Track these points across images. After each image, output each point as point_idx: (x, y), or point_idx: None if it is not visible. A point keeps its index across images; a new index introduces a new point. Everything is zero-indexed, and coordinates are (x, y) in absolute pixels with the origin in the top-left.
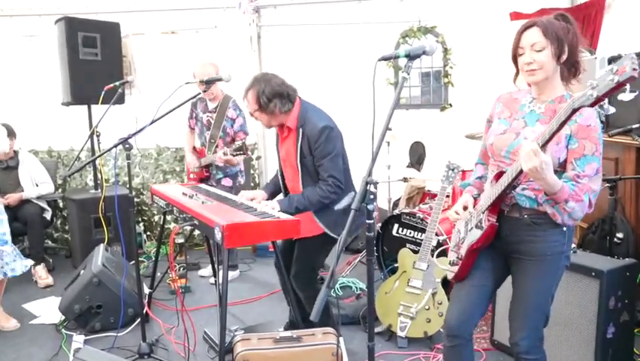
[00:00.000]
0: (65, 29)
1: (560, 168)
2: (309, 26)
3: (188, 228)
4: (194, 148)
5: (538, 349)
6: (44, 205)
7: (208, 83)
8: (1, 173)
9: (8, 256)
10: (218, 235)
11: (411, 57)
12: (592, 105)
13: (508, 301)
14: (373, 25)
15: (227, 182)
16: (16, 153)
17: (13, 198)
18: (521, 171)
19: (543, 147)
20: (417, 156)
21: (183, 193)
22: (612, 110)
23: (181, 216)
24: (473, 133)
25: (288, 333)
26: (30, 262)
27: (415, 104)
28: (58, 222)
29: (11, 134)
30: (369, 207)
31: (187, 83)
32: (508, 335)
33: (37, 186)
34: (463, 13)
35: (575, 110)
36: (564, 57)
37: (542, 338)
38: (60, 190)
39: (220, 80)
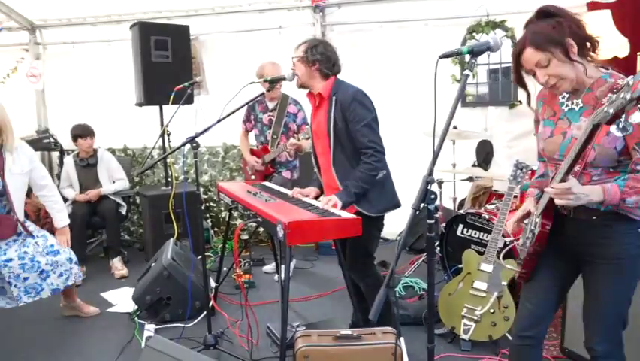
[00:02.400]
0: (139, 34)
1: (624, 157)
2: (374, 24)
3: (253, 224)
4: (251, 150)
5: (616, 354)
6: (120, 201)
7: (272, 82)
8: (82, 170)
9: (64, 265)
10: (280, 232)
11: (474, 53)
12: (609, 123)
13: (580, 305)
14: (440, 21)
15: (287, 174)
16: (95, 151)
17: (92, 193)
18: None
19: (571, 168)
20: (484, 154)
21: (248, 191)
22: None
23: (246, 213)
24: None
25: (349, 331)
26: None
27: (482, 101)
28: (135, 217)
29: (91, 133)
30: (430, 207)
31: (251, 83)
32: (580, 343)
33: (113, 182)
34: (534, 5)
35: (596, 127)
36: (574, 49)
37: (621, 342)
38: (138, 187)
39: (283, 79)
